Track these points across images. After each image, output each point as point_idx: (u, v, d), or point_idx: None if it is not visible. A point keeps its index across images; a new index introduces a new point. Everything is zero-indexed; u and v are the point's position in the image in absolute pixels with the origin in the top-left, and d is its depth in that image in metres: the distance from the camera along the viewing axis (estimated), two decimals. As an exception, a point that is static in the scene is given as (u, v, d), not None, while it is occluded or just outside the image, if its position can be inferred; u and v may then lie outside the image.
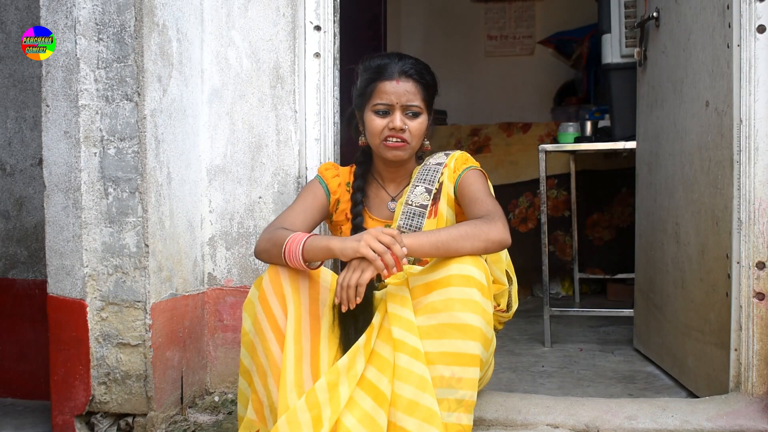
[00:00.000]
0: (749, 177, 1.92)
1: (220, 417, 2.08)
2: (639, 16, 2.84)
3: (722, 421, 1.84)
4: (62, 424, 2.00)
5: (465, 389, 1.57)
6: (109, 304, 1.96)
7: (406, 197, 1.85)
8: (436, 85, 1.88)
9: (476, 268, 1.58)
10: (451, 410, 1.57)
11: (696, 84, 2.21)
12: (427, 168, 1.90)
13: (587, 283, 4.35)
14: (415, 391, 1.55)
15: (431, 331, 1.58)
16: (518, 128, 4.61)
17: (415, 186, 1.86)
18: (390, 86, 1.79)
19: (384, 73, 1.80)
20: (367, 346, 1.61)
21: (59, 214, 1.99)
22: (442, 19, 5.50)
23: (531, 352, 2.95)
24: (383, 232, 1.57)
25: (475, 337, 1.56)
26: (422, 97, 1.81)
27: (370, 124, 1.83)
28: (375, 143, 1.84)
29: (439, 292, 1.58)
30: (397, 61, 1.82)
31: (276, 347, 1.62)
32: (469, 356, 1.56)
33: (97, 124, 1.95)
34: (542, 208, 3.16)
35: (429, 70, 1.86)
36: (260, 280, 1.69)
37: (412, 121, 1.81)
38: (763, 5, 1.91)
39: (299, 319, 1.64)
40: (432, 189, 1.85)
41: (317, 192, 1.91)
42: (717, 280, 2.05)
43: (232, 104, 2.19)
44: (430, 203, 1.83)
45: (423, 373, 1.55)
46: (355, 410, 1.56)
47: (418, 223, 1.81)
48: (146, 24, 1.94)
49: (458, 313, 1.55)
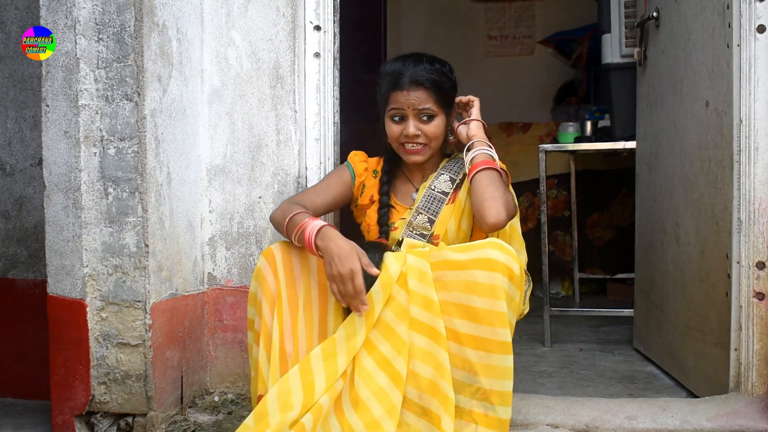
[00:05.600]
0: (749, 177, 1.92)
1: (220, 417, 2.08)
2: (639, 16, 2.84)
3: (722, 421, 1.84)
4: (62, 424, 2.00)
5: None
6: (109, 303, 1.96)
7: (429, 182, 1.92)
8: (453, 85, 1.92)
9: (504, 254, 1.61)
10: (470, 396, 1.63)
11: (696, 84, 2.21)
12: (456, 161, 1.97)
13: (587, 283, 4.35)
14: (434, 373, 1.61)
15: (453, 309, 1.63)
16: (518, 128, 4.61)
17: (441, 174, 1.93)
18: (401, 96, 1.85)
19: (396, 82, 1.86)
20: (369, 319, 1.67)
21: (59, 214, 1.99)
22: (442, 19, 5.50)
23: (531, 352, 2.95)
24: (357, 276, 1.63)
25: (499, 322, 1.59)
26: (435, 100, 1.85)
27: (388, 130, 1.91)
28: (395, 146, 1.92)
29: (464, 272, 1.62)
30: (412, 67, 1.86)
31: (286, 314, 1.72)
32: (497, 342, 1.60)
33: (97, 124, 1.95)
34: (542, 208, 3.17)
35: (443, 72, 1.89)
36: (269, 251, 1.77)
37: (426, 125, 1.86)
38: (763, 5, 1.91)
39: (308, 289, 1.76)
40: (456, 179, 1.91)
41: (343, 174, 2.00)
42: (717, 280, 2.05)
43: (232, 104, 2.19)
44: (452, 191, 1.89)
45: (443, 359, 1.61)
46: (371, 383, 1.64)
47: (437, 207, 1.88)
48: (146, 24, 1.94)
49: (479, 297, 1.59)
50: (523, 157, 4.44)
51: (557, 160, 4.23)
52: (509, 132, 4.63)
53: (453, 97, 1.92)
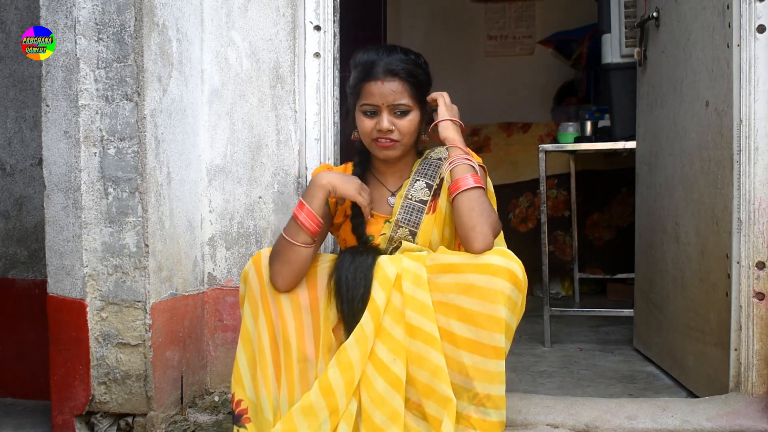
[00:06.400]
0: (749, 177, 1.92)
1: (220, 417, 2.08)
2: (639, 16, 2.84)
3: (722, 421, 1.84)
4: (62, 423, 2.00)
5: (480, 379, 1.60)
6: (109, 304, 1.96)
7: (405, 191, 1.81)
8: (428, 79, 1.83)
9: (504, 258, 1.59)
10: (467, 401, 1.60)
11: (696, 84, 2.21)
12: (429, 162, 1.86)
13: (587, 283, 4.35)
14: (430, 377, 1.58)
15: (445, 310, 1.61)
16: (518, 128, 4.62)
17: (416, 180, 1.82)
18: (375, 87, 1.74)
19: (370, 72, 1.75)
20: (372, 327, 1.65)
21: (59, 214, 1.99)
22: (442, 19, 5.50)
23: (531, 352, 2.95)
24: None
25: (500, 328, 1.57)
26: (411, 94, 1.76)
27: (359, 124, 1.80)
28: (366, 142, 1.81)
29: (461, 275, 1.60)
30: (386, 57, 1.76)
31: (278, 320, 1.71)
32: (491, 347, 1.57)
33: (97, 124, 1.95)
34: (542, 208, 3.16)
35: (419, 63, 1.80)
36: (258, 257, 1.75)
37: (400, 120, 1.75)
38: (763, 5, 1.90)
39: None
40: (432, 184, 1.81)
41: None
42: (717, 280, 2.05)
43: (232, 104, 2.19)
44: (430, 199, 1.80)
45: (438, 362, 1.58)
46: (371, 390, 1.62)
47: (417, 218, 1.78)
48: (146, 24, 1.94)
49: (479, 300, 1.57)
50: (523, 157, 4.45)
51: (557, 160, 4.23)
52: (509, 132, 4.63)
53: (427, 93, 1.82)
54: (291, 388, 1.68)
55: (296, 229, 1.69)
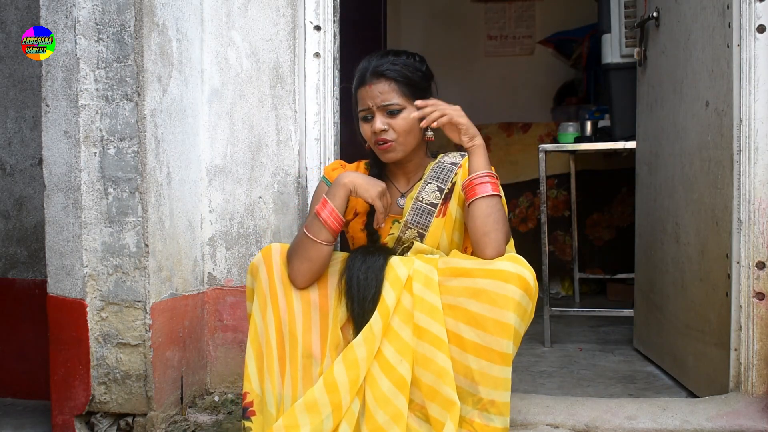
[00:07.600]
0: (749, 177, 1.92)
1: (220, 417, 2.08)
2: (639, 16, 2.84)
3: (722, 421, 1.84)
4: (62, 424, 2.00)
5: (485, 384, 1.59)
6: (109, 303, 1.96)
7: (416, 193, 1.82)
8: (424, 77, 1.82)
9: (515, 264, 1.59)
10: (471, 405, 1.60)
11: (696, 84, 2.21)
12: (441, 166, 1.85)
13: (587, 283, 4.35)
14: (435, 379, 1.59)
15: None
16: (518, 128, 4.61)
17: (428, 183, 1.82)
18: (364, 92, 1.77)
19: (362, 79, 1.78)
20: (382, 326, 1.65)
21: (59, 214, 1.99)
22: (442, 19, 5.50)
23: (531, 352, 2.95)
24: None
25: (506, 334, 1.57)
26: (402, 93, 1.75)
27: (361, 131, 1.82)
28: (373, 147, 1.82)
29: (473, 280, 1.59)
30: (375, 61, 1.78)
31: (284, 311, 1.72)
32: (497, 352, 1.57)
33: (97, 124, 1.95)
34: (542, 208, 3.16)
35: (410, 62, 1.80)
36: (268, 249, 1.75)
37: (394, 119, 1.75)
38: (763, 5, 1.91)
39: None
40: (444, 188, 1.81)
41: (324, 190, 1.86)
42: (717, 280, 2.05)
43: (232, 104, 2.19)
44: (441, 202, 1.80)
45: (444, 364, 1.58)
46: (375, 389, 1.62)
47: (426, 220, 1.79)
48: (146, 24, 1.94)
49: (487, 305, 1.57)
50: (523, 157, 4.44)
51: (557, 160, 4.23)
52: (509, 132, 4.63)
53: (425, 89, 1.82)
54: (294, 383, 1.68)
55: (318, 227, 1.69)
